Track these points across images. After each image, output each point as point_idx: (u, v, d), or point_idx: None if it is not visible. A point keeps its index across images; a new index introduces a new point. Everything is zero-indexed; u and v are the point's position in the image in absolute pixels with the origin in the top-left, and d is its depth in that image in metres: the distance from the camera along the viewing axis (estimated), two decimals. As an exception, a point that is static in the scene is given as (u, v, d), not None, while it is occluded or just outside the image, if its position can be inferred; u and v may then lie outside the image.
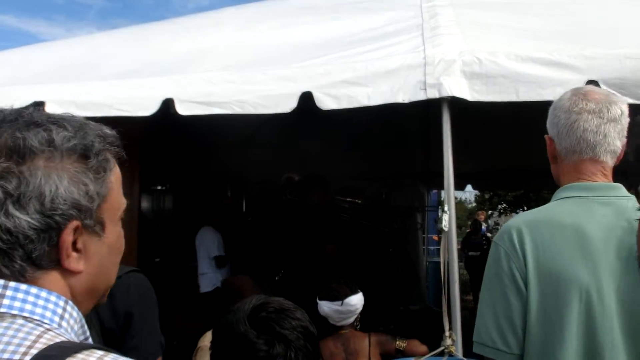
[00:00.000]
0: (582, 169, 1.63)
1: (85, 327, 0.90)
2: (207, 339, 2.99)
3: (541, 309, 1.48)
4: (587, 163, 1.62)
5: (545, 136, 1.73)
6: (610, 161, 1.64)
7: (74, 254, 0.88)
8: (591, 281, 1.46)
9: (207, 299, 5.79)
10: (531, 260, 1.50)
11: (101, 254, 0.92)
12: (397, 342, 3.10)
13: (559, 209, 1.60)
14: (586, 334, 1.46)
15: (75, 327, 0.87)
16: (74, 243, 0.87)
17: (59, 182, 0.85)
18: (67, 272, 0.88)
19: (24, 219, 0.82)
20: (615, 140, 1.62)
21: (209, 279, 5.86)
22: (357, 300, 3.13)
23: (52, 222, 0.84)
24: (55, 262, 0.87)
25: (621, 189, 1.61)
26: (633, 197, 1.55)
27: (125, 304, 2.11)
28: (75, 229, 0.87)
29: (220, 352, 1.49)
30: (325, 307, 3.10)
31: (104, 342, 2.01)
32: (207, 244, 5.98)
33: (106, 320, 2.07)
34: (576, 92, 1.69)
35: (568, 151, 1.64)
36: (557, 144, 1.67)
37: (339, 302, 3.08)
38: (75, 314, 0.88)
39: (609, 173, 1.65)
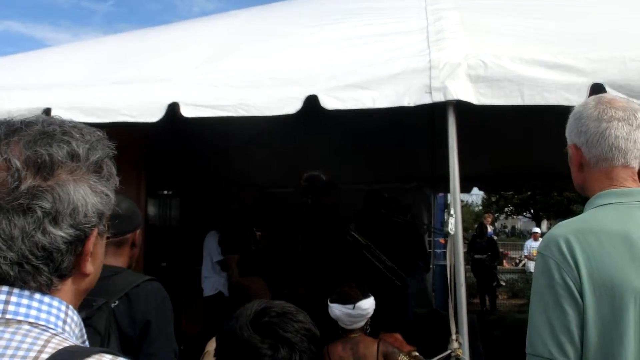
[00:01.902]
0: (614, 175, 1.64)
1: (84, 330, 0.91)
2: (213, 344, 2.99)
3: (598, 318, 1.47)
4: (619, 170, 1.64)
5: (570, 145, 1.74)
6: (637, 166, 1.67)
7: (89, 258, 0.90)
8: None
9: (210, 302, 5.81)
10: (584, 270, 1.49)
11: (101, 253, 0.95)
12: (401, 356, 3.07)
13: (601, 216, 1.60)
14: None
15: (76, 331, 0.88)
16: None
17: (85, 194, 0.86)
18: (79, 276, 0.90)
19: (59, 235, 0.83)
20: None
21: (211, 282, 5.87)
22: (369, 305, 3.12)
23: (81, 233, 0.86)
24: (74, 268, 0.88)
25: None
26: None
27: (144, 312, 2.12)
28: (96, 236, 0.89)
29: (225, 358, 1.50)
30: (337, 310, 3.09)
31: (122, 348, 2.03)
32: (210, 248, 6.00)
33: (125, 327, 2.08)
34: (600, 101, 1.71)
35: (599, 159, 1.65)
36: (585, 152, 1.68)
37: (351, 306, 3.07)
38: (75, 318, 0.88)
39: (637, 178, 1.67)
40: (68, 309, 0.87)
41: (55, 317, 0.84)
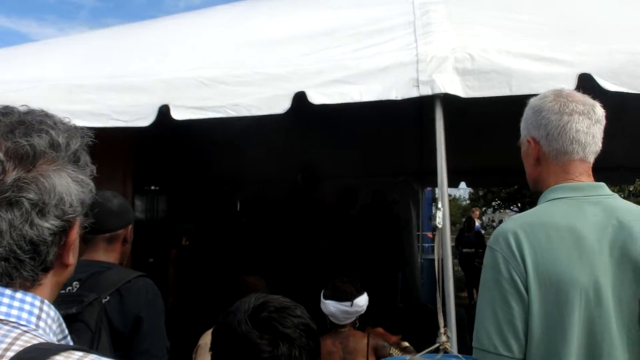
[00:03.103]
0: (570, 169, 1.64)
1: (64, 325, 0.89)
2: (207, 337, 2.98)
3: (543, 313, 1.48)
4: (577, 164, 1.64)
5: (527, 138, 1.73)
6: (592, 161, 1.67)
7: (72, 249, 0.88)
8: (589, 282, 1.47)
9: None
10: (531, 265, 1.49)
11: (78, 243, 0.93)
12: (392, 350, 3.06)
13: (551, 211, 1.60)
14: (587, 334, 1.47)
15: (54, 327, 0.86)
16: None
17: (67, 184, 0.84)
18: (60, 268, 0.88)
19: (46, 226, 0.82)
20: (599, 141, 1.66)
21: None
22: (364, 301, 3.12)
23: (66, 224, 0.85)
24: (57, 261, 0.86)
25: (605, 188, 1.64)
26: (616, 195, 1.61)
27: (136, 308, 2.11)
28: (79, 226, 0.88)
29: (222, 353, 1.46)
30: (332, 306, 3.06)
31: (114, 344, 2.01)
32: None
33: (116, 322, 2.07)
34: (559, 94, 1.70)
35: (559, 152, 1.65)
36: (544, 145, 1.68)
37: (349, 303, 3.04)
38: (52, 313, 0.86)
39: (591, 172, 1.67)
40: (43, 304, 0.84)
41: (27, 313, 0.82)
